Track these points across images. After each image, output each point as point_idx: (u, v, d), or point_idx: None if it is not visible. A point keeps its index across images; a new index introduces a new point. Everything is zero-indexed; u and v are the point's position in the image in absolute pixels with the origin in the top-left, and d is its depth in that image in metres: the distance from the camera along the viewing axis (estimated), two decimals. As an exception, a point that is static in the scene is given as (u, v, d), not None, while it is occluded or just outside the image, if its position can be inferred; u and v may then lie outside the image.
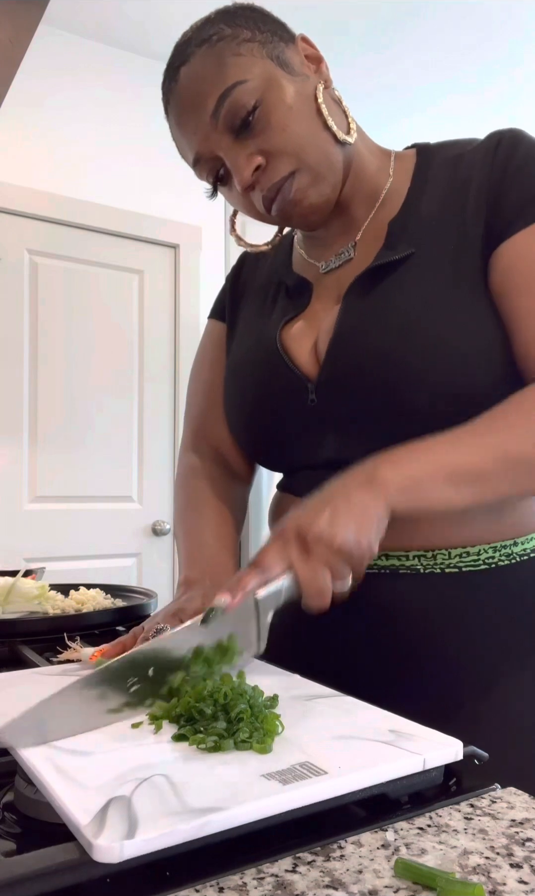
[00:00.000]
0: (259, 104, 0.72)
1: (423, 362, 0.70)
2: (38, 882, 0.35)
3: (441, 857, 0.39)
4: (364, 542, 0.60)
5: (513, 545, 0.76)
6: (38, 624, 0.94)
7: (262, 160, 0.73)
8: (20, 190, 2.47)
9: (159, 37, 2.60)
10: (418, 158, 0.82)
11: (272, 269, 0.92)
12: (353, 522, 0.60)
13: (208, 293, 2.79)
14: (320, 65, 0.78)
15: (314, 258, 0.86)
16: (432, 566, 0.75)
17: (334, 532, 0.59)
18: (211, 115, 0.72)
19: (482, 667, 0.74)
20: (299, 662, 0.71)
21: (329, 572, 0.60)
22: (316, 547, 0.60)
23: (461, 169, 0.77)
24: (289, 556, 0.61)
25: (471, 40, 2.61)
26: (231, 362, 0.90)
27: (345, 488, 0.64)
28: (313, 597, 0.60)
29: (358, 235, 0.81)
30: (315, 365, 0.79)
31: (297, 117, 0.73)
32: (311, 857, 0.40)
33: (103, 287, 2.65)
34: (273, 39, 0.75)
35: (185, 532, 0.88)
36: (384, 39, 2.61)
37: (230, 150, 0.74)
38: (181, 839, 0.37)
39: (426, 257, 0.74)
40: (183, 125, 0.76)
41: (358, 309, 0.76)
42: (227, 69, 0.72)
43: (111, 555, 2.63)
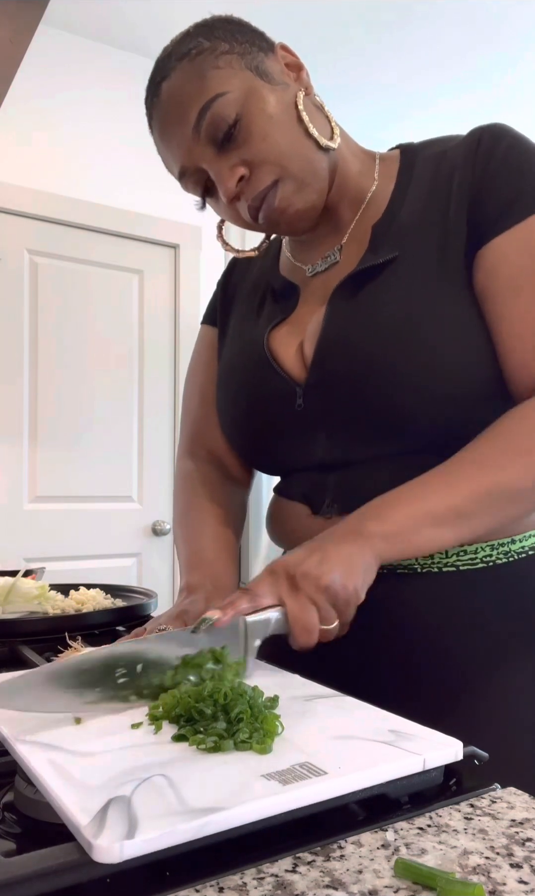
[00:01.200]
0: (240, 116, 0.72)
1: (408, 364, 0.71)
2: (38, 882, 0.35)
3: (441, 857, 0.39)
4: (350, 586, 0.63)
5: (511, 543, 0.76)
6: (38, 624, 0.94)
7: (245, 171, 0.73)
8: (20, 190, 2.47)
9: (159, 37, 2.59)
10: (402, 159, 0.82)
11: (260, 273, 0.93)
12: (340, 567, 0.63)
13: (208, 293, 2.77)
14: (300, 72, 0.78)
15: (301, 262, 0.87)
16: (430, 565, 0.75)
17: (322, 573, 0.62)
18: (193, 128, 0.73)
19: (480, 665, 0.74)
20: (298, 662, 0.71)
21: (316, 611, 0.62)
22: (304, 584, 0.62)
23: (443, 167, 0.77)
24: (279, 591, 0.63)
25: (469, 41, 2.61)
26: (221, 367, 0.91)
27: (334, 539, 0.66)
28: (301, 632, 0.62)
29: (344, 238, 0.82)
30: (302, 368, 0.79)
31: (278, 126, 0.73)
32: (311, 857, 0.40)
33: (103, 287, 2.65)
34: (252, 50, 0.75)
35: (184, 538, 0.89)
36: (383, 41, 2.60)
37: (214, 162, 0.74)
38: (181, 839, 0.37)
39: (410, 259, 0.74)
40: (166, 139, 0.76)
41: (343, 312, 0.76)
42: (207, 82, 0.72)
43: (111, 555, 2.63)
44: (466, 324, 0.71)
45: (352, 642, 0.78)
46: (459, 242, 0.73)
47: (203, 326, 1.01)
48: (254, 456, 0.90)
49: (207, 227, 2.86)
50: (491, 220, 0.71)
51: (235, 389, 0.86)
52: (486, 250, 0.71)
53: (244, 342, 0.87)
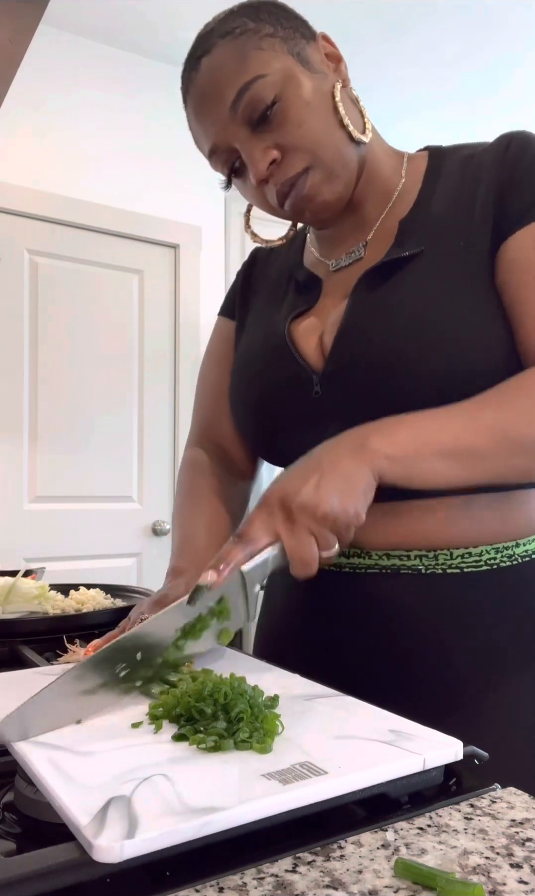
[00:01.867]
0: (278, 99, 0.72)
1: (428, 357, 0.71)
2: (38, 882, 0.35)
3: (441, 857, 0.39)
4: (351, 509, 0.61)
5: (515, 546, 0.76)
6: (38, 624, 0.94)
7: (277, 154, 0.74)
8: (20, 190, 2.47)
9: (160, 37, 2.60)
10: (430, 160, 0.82)
11: (284, 266, 0.93)
12: (338, 490, 0.60)
13: (208, 293, 2.80)
14: (339, 63, 0.78)
15: (325, 256, 0.87)
16: (434, 566, 0.75)
17: (319, 500, 0.60)
18: (230, 106, 0.73)
19: (483, 667, 0.74)
20: (300, 662, 0.71)
21: (315, 540, 0.60)
22: (301, 516, 0.60)
23: (471, 169, 0.78)
24: (274, 526, 0.61)
25: (475, 41, 2.61)
26: (239, 354, 0.91)
27: (333, 454, 0.64)
28: (300, 566, 0.60)
29: (370, 235, 0.82)
30: (321, 358, 0.79)
31: (314, 114, 0.74)
32: (311, 857, 0.40)
33: (103, 287, 2.65)
34: (295, 36, 0.75)
35: (179, 524, 0.89)
36: (389, 40, 2.60)
37: (247, 142, 0.74)
38: (181, 839, 0.37)
39: (436, 255, 0.74)
40: (201, 115, 0.76)
41: (365, 303, 0.76)
42: (248, 62, 0.72)
43: (111, 555, 2.63)
44: (488, 319, 0.72)
45: (353, 641, 0.78)
46: (484, 241, 0.73)
47: (219, 318, 1.01)
48: (264, 444, 0.89)
49: (208, 227, 2.86)
50: (514, 217, 0.72)
51: (252, 375, 0.86)
52: (507, 244, 0.72)
53: (264, 331, 0.87)
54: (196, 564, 0.79)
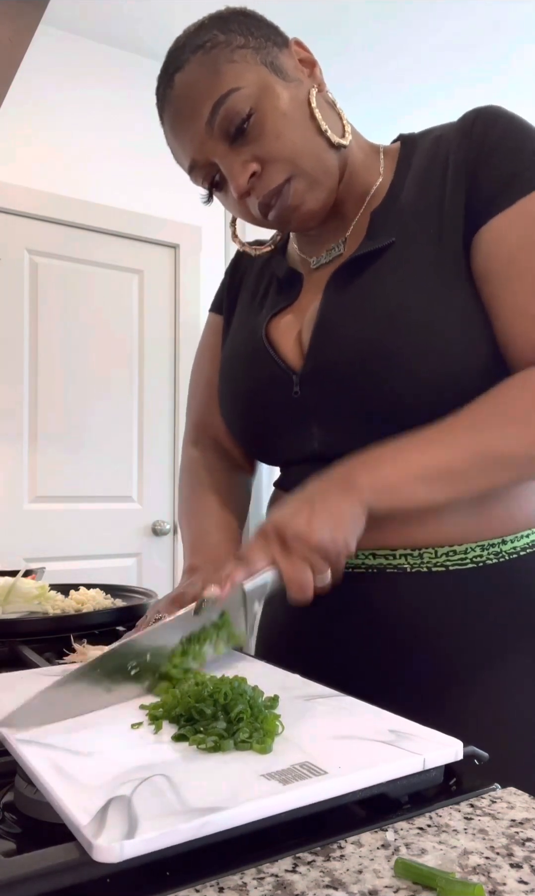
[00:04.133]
0: (254, 111, 0.72)
1: (405, 349, 0.70)
2: (38, 882, 0.35)
3: (441, 857, 0.39)
4: (340, 539, 0.63)
5: (502, 543, 0.76)
6: (38, 624, 0.94)
7: (257, 167, 0.73)
8: (20, 190, 2.47)
9: (160, 37, 2.60)
10: (402, 149, 0.82)
11: (267, 264, 0.93)
12: (329, 522, 0.63)
13: (208, 293, 2.78)
14: (313, 69, 0.78)
15: (307, 254, 0.87)
16: (419, 565, 0.75)
17: (312, 530, 0.62)
18: (206, 122, 0.73)
19: (473, 665, 0.74)
20: (294, 662, 0.71)
21: (309, 568, 0.63)
22: (295, 544, 0.63)
23: (438, 151, 0.76)
24: (271, 553, 0.64)
25: (471, 36, 2.60)
26: (224, 355, 0.91)
27: (322, 490, 0.66)
28: (296, 590, 0.63)
29: (348, 231, 0.82)
30: (300, 357, 0.79)
31: (291, 124, 0.73)
32: (311, 857, 0.40)
33: (103, 287, 2.65)
34: (266, 45, 0.75)
35: (188, 522, 0.89)
36: (380, 37, 2.60)
37: (225, 157, 0.74)
38: (181, 839, 0.37)
39: (407, 244, 0.74)
40: (178, 132, 0.76)
41: (338, 299, 0.76)
42: (221, 76, 0.72)
43: (111, 555, 2.63)
44: (463, 308, 0.71)
45: (343, 641, 0.78)
46: (456, 225, 0.72)
47: (210, 314, 1.01)
48: (252, 445, 0.90)
49: (207, 227, 2.86)
50: (488, 201, 0.71)
51: (235, 377, 0.86)
52: (483, 231, 0.71)
53: (245, 331, 0.87)
54: (211, 561, 0.80)
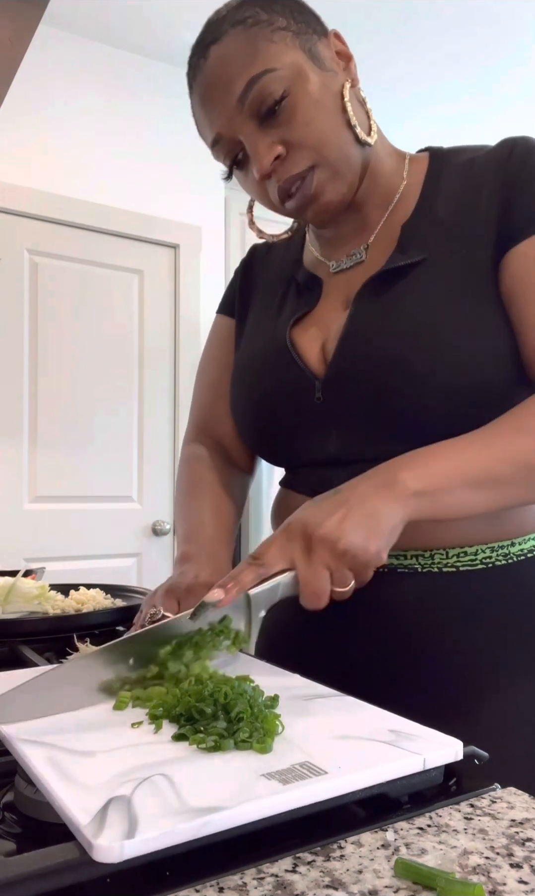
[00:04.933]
0: (287, 94, 0.72)
1: (431, 367, 0.71)
2: (38, 882, 0.35)
3: (441, 857, 0.39)
4: (372, 549, 0.60)
5: (510, 545, 0.76)
6: (38, 624, 0.93)
7: (282, 150, 0.73)
8: (20, 190, 2.47)
9: (160, 37, 2.60)
10: (431, 162, 0.82)
11: (283, 265, 0.92)
12: (363, 528, 0.59)
13: (208, 293, 2.80)
14: (349, 63, 0.78)
15: (325, 257, 0.86)
16: (430, 565, 0.75)
17: (342, 534, 0.59)
18: (237, 98, 0.72)
19: (479, 665, 0.74)
20: (299, 662, 0.71)
21: (329, 576, 0.59)
22: (320, 547, 0.59)
23: (473, 173, 0.77)
24: (292, 554, 0.60)
25: (471, 42, 2.61)
26: (240, 358, 0.90)
27: (362, 490, 0.62)
28: (311, 597, 0.59)
29: (371, 237, 0.81)
30: (323, 364, 0.79)
31: (322, 112, 0.73)
32: (311, 857, 0.40)
33: (103, 287, 2.65)
34: (307, 31, 0.74)
35: (184, 513, 0.89)
36: (383, 40, 2.60)
37: (252, 135, 0.73)
38: (181, 839, 0.37)
39: (438, 262, 0.74)
40: (207, 104, 0.75)
41: (368, 312, 0.76)
42: (259, 55, 0.71)
43: (111, 555, 2.63)
44: (490, 327, 0.71)
45: (351, 641, 0.78)
46: (487, 248, 0.73)
47: (218, 316, 1.00)
48: (265, 447, 0.89)
49: (208, 227, 2.86)
50: (519, 226, 0.72)
51: (253, 380, 0.85)
52: (511, 255, 0.72)
53: (265, 334, 0.87)
54: (205, 550, 0.79)
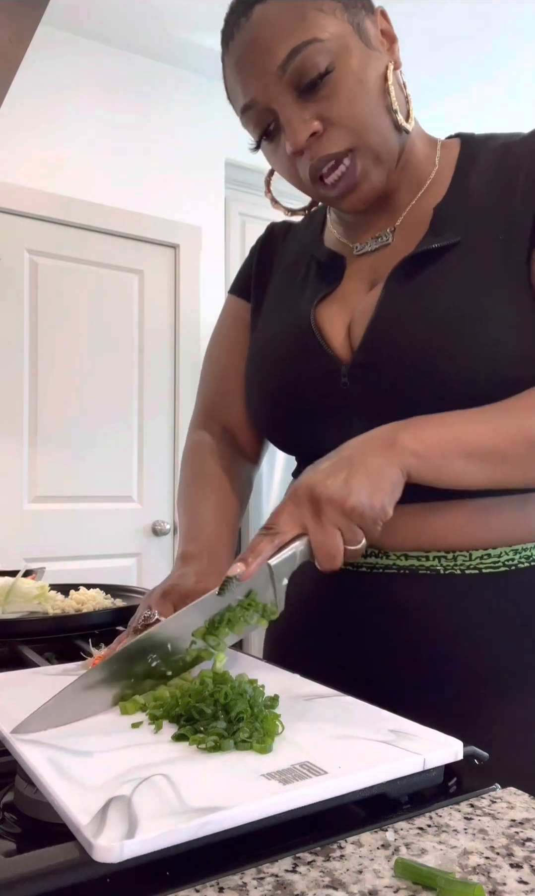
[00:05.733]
0: (332, 69, 0.68)
1: (461, 355, 0.69)
2: (38, 882, 0.35)
3: (441, 857, 0.39)
4: (378, 504, 0.61)
5: (533, 548, 0.76)
6: (38, 624, 0.93)
7: (319, 127, 0.70)
8: (20, 190, 2.47)
9: (160, 37, 2.60)
10: (463, 147, 0.80)
11: (303, 246, 0.89)
12: (367, 485, 0.61)
13: (208, 293, 2.80)
14: (393, 44, 0.74)
15: (349, 239, 0.83)
16: (453, 567, 0.74)
17: (348, 494, 0.60)
18: (279, 65, 0.68)
19: (497, 667, 0.73)
20: (315, 660, 0.71)
21: (341, 534, 0.60)
22: (328, 509, 0.60)
23: (509, 158, 0.75)
24: (302, 519, 0.61)
25: (464, 33, 2.59)
26: (258, 339, 0.88)
27: (362, 450, 0.64)
28: (325, 558, 0.61)
29: (399, 220, 0.79)
30: (348, 348, 0.77)
31: (365, 92, 0.70)
32: (311, 857, 0.40)
33: (103, 287, 2.65)
34: (356, 4, 0.71)
35: (186, 507, 0.87)
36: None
37: (289, 107, 0.70)
38: (181, 839, 0.37)
39: (473, 247, 0.72)
40: (244, 68, 0.71)
41: (399, 295, 0.73)
42: (306, 21, 0.67)
43: (111, 555, 2.63)
44: (524, 316, 0.70)
45: (371, 641, 0.77)
46: (523, 235, 0.71)
47: (231, 297, 0.97)
48: (280, 435, 0.87)
49: (208, 227, 2.86)
50: None
51: (273, 363, 0.83)
52: None
53: (285, 316, 0.84)
54: (206, 548, 0.78)
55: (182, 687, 0.57)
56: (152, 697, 0.56)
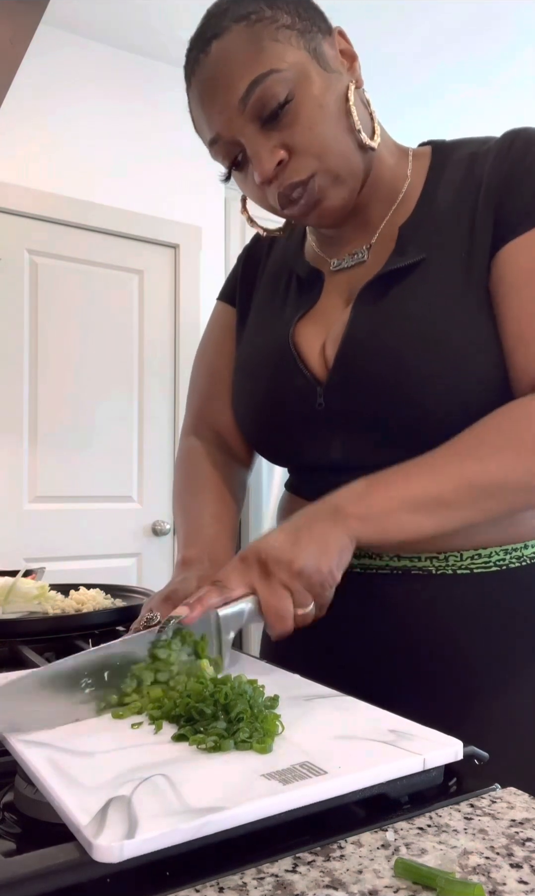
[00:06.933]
0: (291, 97, 0.69)
1: (434, 368, 0.70)
2: (38, 882, 0.35)
3: (441, 857, 0.39)
4: (325, 567, 0.62)
5: (524, 548, 0.76)
6: (38, 624, 0.93)
7: (285, 155, 0.71)
8: (20, 190, 2.47)
9: (160, 37, 2.60)
10: (433, 157, 0.80)
11: (284, 257, 0.90)
12: (314, 549, 0.62)
13: (208, 293, 2.79)
14: (353, 62, 0.75)
15: (327, 254, 0.85)
16: (444, 567, 0.75)
17: (295, 556, 0.61)
18: (239, 99, 0.69)
19: (491, 666, 0.74)
20: (308, 662, 0.71)
21: (290, 596, 0.61)
22: (277, 570, 0.61)
23: (473, 169, 0.75)
24: (250, 578, 0.62)
25: (466, 31, 2.58)
26: (241, 354, 0.89)
27: (309, 520, 0.65)
28: (275, 619, 0.61)
29: (374, 238, 0.80)
30: (324, 368, 0.78)
31: (326, 117, 0.71)
32: (311, 857, 0.40)
33: (103, 287, 2.65)
34: (312, 29, 0.72)
35: (183, 512, 0.87)
36: (375, 30, 2.60)
37: (254, 138, 0.71)
38: (181, 839, 0.37)
39: (437, 262, 0.73)
40: (207, 102, 0.72)
41: (368, 315, 0.75)
42: (263, 54, 0.68)
43: (111, 555, 2.63)
44: (491, 332, 0.71)
45: (364, 641, 0.78)
46: (484, 245, 0.72)
47: (219, 303, 0.98)
48: (267, 449, 0.88)
49: (207, 227, 2.86)
50: (510, 224, 0.70)
51: (255, 382, 0.84)
52: (500, 254, 0.71)
53: (267, 331, 0.85)
54: (207, 553, 0.78)
55: (177, 688, 0.57)
56: (149, 699, 0.56)
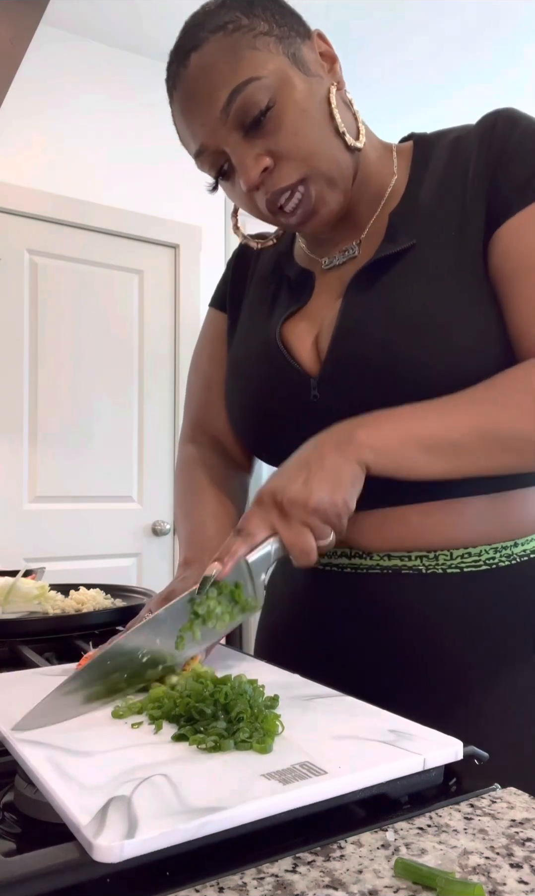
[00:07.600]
0: (272, 104, 0.69)
1: (426, 355, 0.70)
2: (38, 882, 0.35)
3: (441, 857, 0.39)
4: (339, 500, 0.63)
5: (513, 546, 0.76)
6: (38, 624, 0.93)
7: (270, 162, 0.71)
8: (20, 190, 2.47)
9: (160, 37, 2.60)
10: (415, 150, 0.80)
11: (274, 261, 0.91)
12: (327, 483, 0.63)
13: (208, 293, 2.78)
14: (334, 64, 0.75)
15: (317, 255, 0.85)
16: (434, 566, 0.75)
17: (309, 494, 0.62)
18: (221, 109, 0.70)
19: (482, 666, 0.74)
20: (301, 662, 0.71)
21: (310, 532, 0.63)
22: (293, 509, 0.62)
23: (457, 154, 0.75)
24: (270, 521, 0.64)
25: (466, 34, 2.59)
26: (231, 357, 0.89)
27: (319, 450, 0.66)
28: (299, 555, 0.63)
29: (364, 233, 0.80)
30: (316, 361, 0.78)
31: (309, 121, 0.71)
32: (311, 857, 0.40)
33: (103, 287, 2.65)
34: (290, 35, 0.72)
35: (184, 516, 0.88)
36: (376, 33, 2.60)
37: (238, 147, 0.72)
38: (181, 839, 0.37)
39: (428, 247, 0.73)
40: (189, 115, 0.73)
41: (360, 303, 0.75)
42: (241, 63, 0.69)
43: (111, 555, 2.63)
44: (485, 313, 0.70)
45: (355, 642, 0.78)
46: (476, 228, 0.71)
47: (211, 310, 0.99)
48: (262, 448, 0.88)
49: (207, 227, 2.86)
50: (507, 202, 0.70)
51: (246, 380, 0.84)
52: (500, 232, 0.70)
53: (256, 332, 0.85)
54: (208, 553, 0.78)
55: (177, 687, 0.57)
56: (149, 698, 0.56)
